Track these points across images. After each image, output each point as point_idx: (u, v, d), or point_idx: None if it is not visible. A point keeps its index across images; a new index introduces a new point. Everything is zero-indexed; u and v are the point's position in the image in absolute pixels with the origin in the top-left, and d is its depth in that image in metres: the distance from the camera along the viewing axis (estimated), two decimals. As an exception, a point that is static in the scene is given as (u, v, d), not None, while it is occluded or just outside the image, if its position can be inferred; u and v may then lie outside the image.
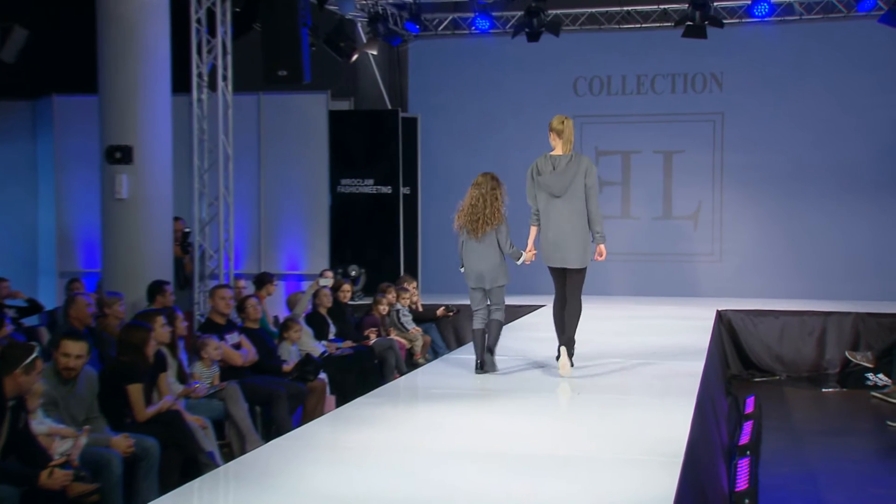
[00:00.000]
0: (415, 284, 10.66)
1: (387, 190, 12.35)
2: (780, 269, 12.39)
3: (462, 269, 6.79)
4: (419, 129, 12.82)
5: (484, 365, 6.71)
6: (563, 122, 6.64)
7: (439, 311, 10.52)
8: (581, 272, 6.63)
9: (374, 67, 12.96)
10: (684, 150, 12.74)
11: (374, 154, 12.39)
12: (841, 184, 12.22)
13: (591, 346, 7.62)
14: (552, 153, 6.64)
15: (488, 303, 6.75)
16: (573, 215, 6.51)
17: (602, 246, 6.61)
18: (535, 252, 6.71)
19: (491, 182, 6.65)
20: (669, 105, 12.71)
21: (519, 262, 6.74)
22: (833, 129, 12.25)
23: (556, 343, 6.79)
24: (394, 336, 9.56)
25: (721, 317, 10.91)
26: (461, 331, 11.22)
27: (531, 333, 7.56)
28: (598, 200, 6.56)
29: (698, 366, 6.97)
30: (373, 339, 9.16)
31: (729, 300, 11.74)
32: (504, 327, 6.93)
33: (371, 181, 12.36)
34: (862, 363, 10.21)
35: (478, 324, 6.74)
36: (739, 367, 10.98)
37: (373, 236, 12.34)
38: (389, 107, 13.02)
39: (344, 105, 12.57)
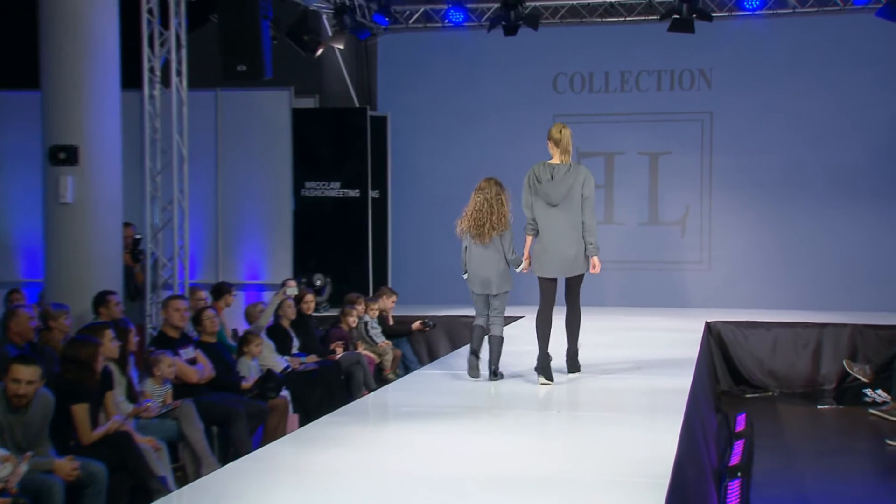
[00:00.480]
0: (394, 298, 10.65)
1: (354, 194, 12.36)
2: (772, 277, 12.48)
3: (465, 276, 7.20)
4: (389, 129, 12.86)
5: (478, 355, 7.08)
6: (560, 131, 7.07)
7: (415, 325, 10.50)
8: (580, 278, 7.02)
9: (340, 63, 12.94)
10: (671, 152, 12.83)
11: (341, 155, 12.40)
12: (837, 187, 12.33)
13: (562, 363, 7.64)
14: (550, 161, 7.03)
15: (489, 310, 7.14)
16: (569, 225, 6.90)
17: (595, 258, 6.93)
18: (529, 261, 7.07)
19: (495, 187, 7.06)
20: (655, 104, 12.79)
21: (518, 270, 7.14)
22: (828, 130, 12.36)
23: (537, 354, 6.99)
24: (362, 350, 9.57)
25: (710, 329, 10.99)
26: (434, 344, 11.31)
27: (507, 347, 7.59)
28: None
29: (686, 381, 7.02)
30: (339, 353, 9.16)
31: (718, 311, 11.83)
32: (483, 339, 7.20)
33: (337, 184, 12.36)
34: (860, 378, 10.28)
35: (480, 321, 7.15)
36: (730, 382, 11.07)
37: (339, 243, 12.35)
38: (357, 105, 13.04)
39: (308, 103, 12.63)
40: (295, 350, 8.93)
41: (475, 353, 7.09)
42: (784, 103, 12.48)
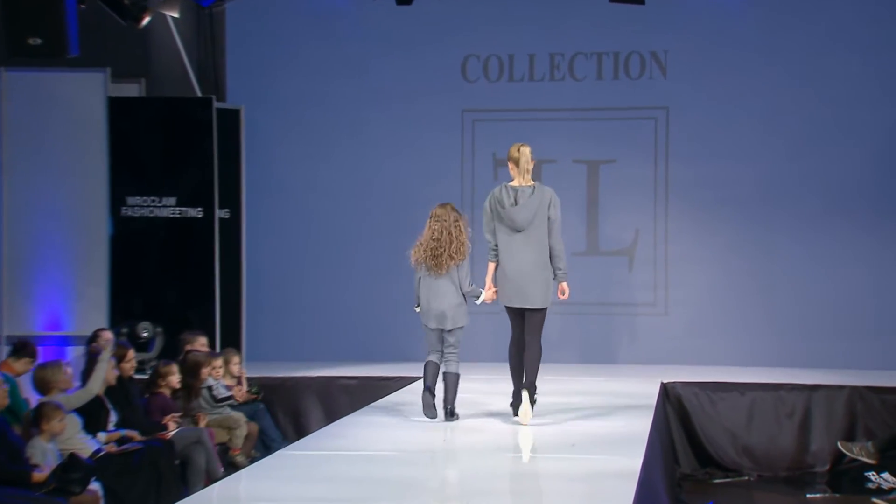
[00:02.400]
0: (237, 359, 10.69)
1: (196, 213, 12.21)
2: (747, 324, 12.56)
3: (417, 309, 8.60)
4: (243, 127, 12.71)
5: (433, 394, 8.46)
6: (518, 150, 8.49)
7: (238, 395, 10.39)
8: (542, 312, 8.51)
9: (175, 36, 12.80)
10: (615, 160, 12.90)
11: (177, 161, 12.25)
12: (828, 206, 12.47)
13: (487, 435, 7.92)
14: (511, 184, 8.50)
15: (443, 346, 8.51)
16: (535, 251, 8.39)
17: (564, 284, 8.54)
18: (495, 290, 8.57)
19: (453, 214, 8.53)
20: (594, 96, 12.84)
21: (479, 302, 8.60)
22: (815, 132, 12.49)
23: (512, 390, 8.34)
24: (204, 424, 9.43)
25: (667, 392, 11.07)
26: (304, 413, 11.35)
27: (393, 418, 8.04)
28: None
29: (635, 462, 7.06)
30: (172, 428, 9.05)
31: (678, 368, 11.89)
32: (371, 407, 8.27)
33: (172, 200, 12.19)
34: (860, 458, 10.28)
35: (433, 357, 8.56)
36: (693, 462, 11.13)
37: (175, 280, 12.21)
38: (199, 94, 12.96)
39: (132, 90, 12.49)
40: (112, 426, 8.80)
41: (430, 391, 8.41)
42: (760, 98, 12.60)
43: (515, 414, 8.52)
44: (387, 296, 12.55)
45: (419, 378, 10.27)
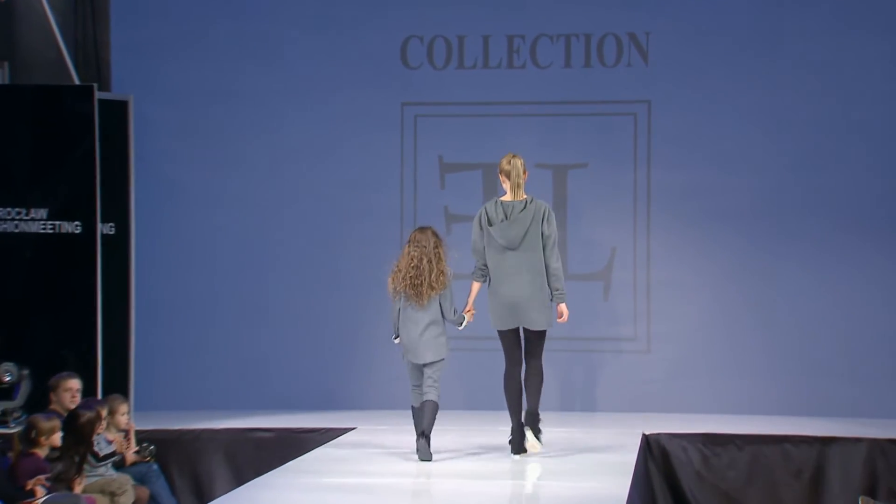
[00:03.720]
0: (125, 408, 10.56)
1: (72, 228, 12.00)
2: (744, 364, 12.58)
3: (396, 340, 9.55)
4: (131, 122, 12.47)
5: (428, 452, 9.24)
6: (510, 162, 9.48)
7: (128, 455, 10.32)
8: (543, 334, 9.49)
9: (46, 11, 12.65)
10: (586, 164, 12.95)
11: (50, 164, 12.03)
12: (840, 224, 12.52)
13: (439, 499, 8.08)
14: (503, 198, 9.47)
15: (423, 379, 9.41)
16: (531, 270, 9.32)
17: (563, 306, 9.46)
18: (474, 312, 9.56)
19: (433, 239, 9.43)
20: (561, 87, 12.86)
21: (461, 328, 9.59)
22: (824, 134, 12.52)
23: (511, 425, 9.40)
24: (80, 489, 9.23)
25: (650, 445, 11.11)
26: (207, 474, 11.29)
27: (318, 478, 8.04)
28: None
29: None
30: (39, 495, 8.87)
31: (662, 417, 11.94)
32: (290, 466, 8.60)
33: (43, 212, 11.97)
34: (886, 519, 10.38)
35: (416, 402, 9.45)
36: (682, 530, 11.16)
37: (46, 311, 11.97)
38: (77, 81, 12.81)
39: (-7, 77, 12.25)
40: (-36, 492, 8.65)
41: (423, 435, 9.21)
42: (761, 91, 12.63)
43: (515, 452, 9.53)
44: (309, 331, 12.62)
45: (350, 429, 10.84)
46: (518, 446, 9.53)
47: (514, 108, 12.93)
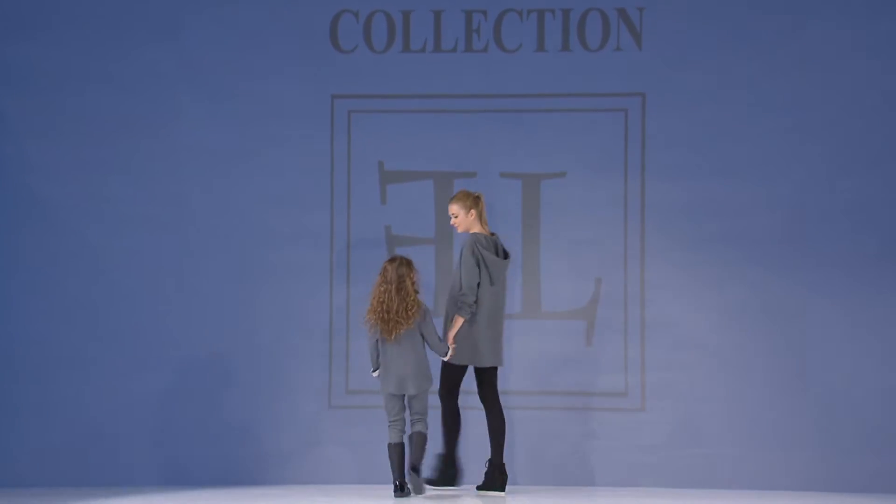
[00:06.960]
0: None
1: None
2: (765, 427, 11.81)
3: (375, 374, 10.18)
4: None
5: (404, 487, 9.94)
6: (482, 199, 10.43)
7: None
8: (495, 370, 10.43)
9: None
10: (565, 173, 12.06)
11: None
12: (883, 250, 11.85)
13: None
14: (483, 231, 10.43)
15: (407, 413, 10.18)
16: (502, 307, 10.32)
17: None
18: (454, 346, 10.21)
19: (398, 270, 9.95)
20: (533, 77, 12.12)
21: (446, 358, 10.12)
22: (858, 133, 11.85)
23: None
24: None
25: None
26: None
27: None
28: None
29: None
30: None
31: (662, 494, 11.33)
32: None
33: None
34: None
35: (395, 437, 10.04)
36: None
37: None
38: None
39: None
40: None
41: (401, 489, 9.89)
42: (780, 81, 11.92)
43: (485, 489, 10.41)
44: (210, 391, 11.78)
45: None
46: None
47: (474, 102, 12.12)
